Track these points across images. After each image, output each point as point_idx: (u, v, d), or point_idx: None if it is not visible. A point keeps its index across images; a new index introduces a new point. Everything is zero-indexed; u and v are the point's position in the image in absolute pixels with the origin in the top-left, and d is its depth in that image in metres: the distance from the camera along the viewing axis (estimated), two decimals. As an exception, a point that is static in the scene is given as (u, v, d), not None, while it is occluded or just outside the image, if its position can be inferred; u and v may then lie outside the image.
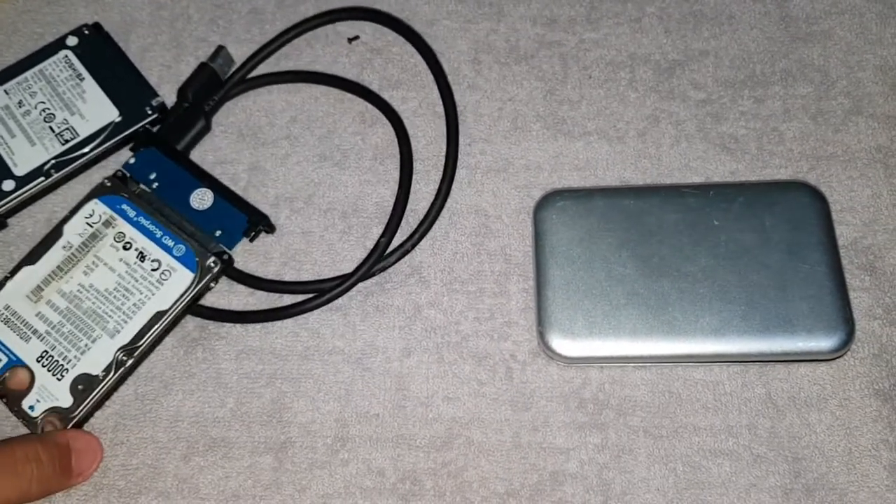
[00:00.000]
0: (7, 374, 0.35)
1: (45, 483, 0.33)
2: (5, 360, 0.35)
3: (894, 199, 0.38)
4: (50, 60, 0.41)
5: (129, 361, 0.35)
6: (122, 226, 0.38)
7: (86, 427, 0.35)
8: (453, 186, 0.39)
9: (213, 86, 0.41)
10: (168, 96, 0.41)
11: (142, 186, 0.39)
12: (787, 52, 0.41)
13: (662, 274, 0.35)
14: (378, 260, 0.37)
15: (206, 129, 0.41)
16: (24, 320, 0.36)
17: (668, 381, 0.35)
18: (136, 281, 0.37)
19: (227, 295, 0.38)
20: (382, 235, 0.37)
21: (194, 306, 0.37)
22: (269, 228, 0.38)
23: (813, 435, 0.34)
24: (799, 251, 0.34)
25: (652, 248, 0.35)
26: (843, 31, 0.41)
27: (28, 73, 0.41)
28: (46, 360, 0.35)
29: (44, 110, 0.40)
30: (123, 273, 0.37)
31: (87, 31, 0.42)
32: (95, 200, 0.39)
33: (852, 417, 0.34)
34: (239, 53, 0.42)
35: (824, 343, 0.33)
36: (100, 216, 0.38)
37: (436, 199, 0.38)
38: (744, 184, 0.37)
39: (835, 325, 0.33)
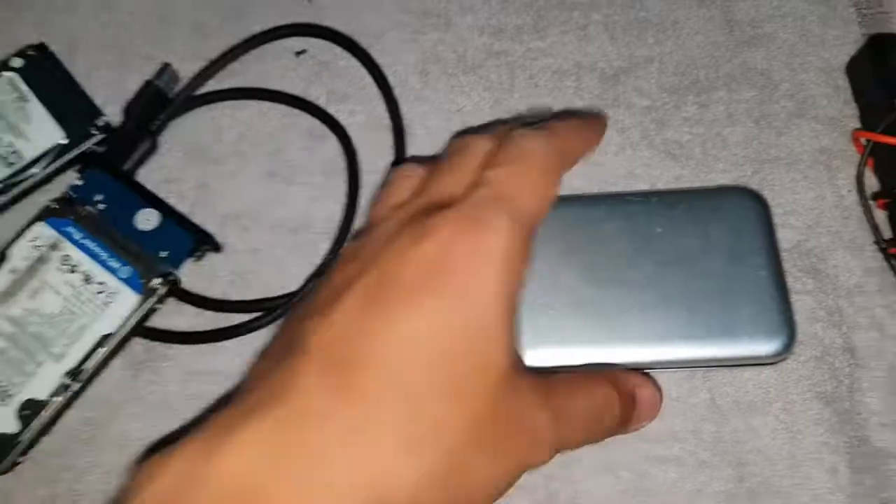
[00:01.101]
0: (-48, 402, 0.35)
1: (608, 434, 0.29)
2: (-50, 387, 0.35)
3: (837, 201, 0.38)
4: (-7, 83, 0.41)
5: (76, 385, 0.35)
6: (68, 248, 0.38)
7: (31, 453, 0.35)
8: (401, 199, 0.39)
9: (159, 104, 0.41)
10: (115, 115, 0.41)
11: (88, 208, 0.39)
12: (731, 57, 0.41)
13: (606, 282, 0.35)
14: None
15: (153, 148, 0.40)
16: (-32, 347, 0.36)
17: (614, 390, 0.35)
18: (82, 304, 0.37)
19: (173, 315, 0.37)
20: (329, 253, 0.37)
21: (141, 328, 0.37)
22: (216, 248, 0.38)
23: (757, 439, 0.34)
24: (741, 256, 0.35)
25: (596, 257, 0.35)
26: (786, 34, 0.42)
27: (-29, 97, 0.41)
28: (-8, 386, 0.35)
29: (-12, 134, 0.40)
30: (69, 296, 0.37)
31: (31, 52, 0.42)
32: (42, 223, 0.38)
33: (795, 421, 0.34)
34: (186, 69, 0.42)
35: (766, 348, 0.33)
36: (46, 239, 0.38)
37: (383, 212, 0.38)
38: (686, 190, 0.37)
39: (776, 330, 0.33)
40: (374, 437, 0.21)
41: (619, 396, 0.29)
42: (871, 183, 0.38)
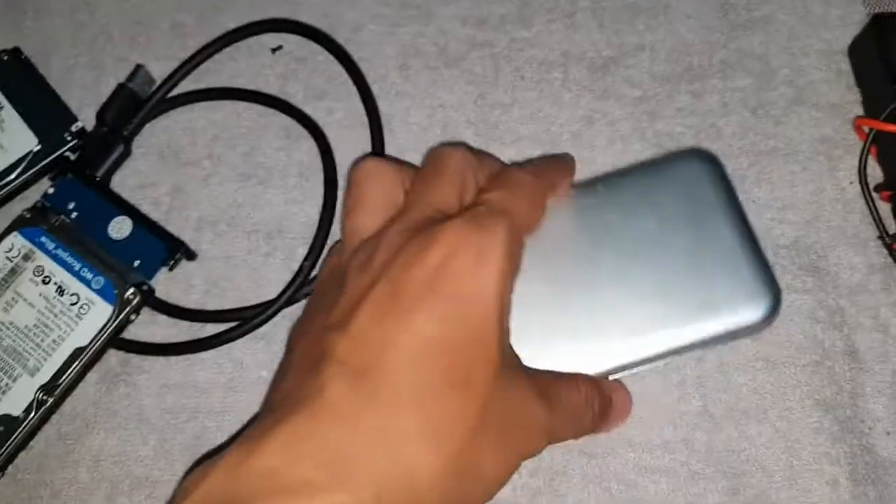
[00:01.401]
0: (-74, 420, 0.34)
1: (588, 431, 0.31)
2: (-77, 404, 0.35)
3: (838, 194, 0.36)
4: (-34, 90, 0.40)
5: (50, 401, 0.35)
6: (42, 259, 0.37)
7: (10, 469, 0.35)
8: (381, 201, 0.38)
9: (132, 107, 0.40)
10: (90, 120, 0.40)
11: (61, 217, 0.38)
12: (726, 42, 0.39)
13: (568, 286, 0.32)
14: (303, 284, 0.36)
15: (127, 153, 0.39)
16: (-59, 363, 0.35)
17: (601, 398, 0.34)
18: (56, 316, 0.36)
19: (149, 326, 0.37)
20: (306, 258, 0.36)
21: (116, 340, 0.36)
22: (190, 255, 0.37)
23: (752, 449, 0.32)
24: (703, 225, 0.32)
25: (554, 262, 0.32)
26: (785, 16, 0.39)
27: (-57, 105, 0.40)
28: (-35, 402, 0.35)
29: (-40, 143, 0.39)
30: (43, 308, 0.36)
31: (5, 57, 0.41)
32: (15, 234, 0.38)
33: (793, 429, 0.32)
34: (161, 70, 0.41)
35: (751, 315, 0.31)
36: (19, 250, 0.37)
37: (362, 215, 0.37)
38: (632, 168, 0.34)
39: (757, 293, 0.31)
40: (398, 437, 0.24)
41: (600, 396, 0.30)
42: (875, 174, 0.36)
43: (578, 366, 0.31)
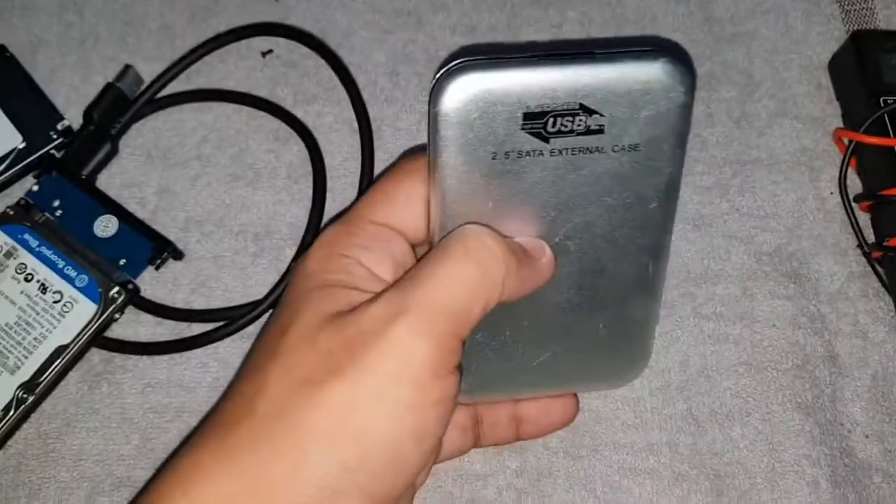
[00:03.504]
0: None
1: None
2: None
3: (819, 203, 0.37)
4: (-50, 86, 0.40)
5: (30, 399, 0.34)
6: (24, 256, 0.36)
7: (-13, 469, 0.34)
8: (370, 204, 0.38)
9: (120, 107, 0.40)
10: (76, 119, 0.40)
11: (45, 215, 0.37)
12: (711, 55, 0.40)
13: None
14: (290, 284, 0.36)
15: (113, 152, 0.39)
16: (-81, 360, 0.35)
17: (587, 399, 0.34)
18: (38, 314, 0.35)
19: (133, 325, 0.36)
20: (294, 259, 0.36)
21: (99, 338, 0.35)
22: (176, 255, 0.37)
23: (735, 451, 0.33)
24: None
25: None
26: (768, 31, 0.40)
27: (-72, 101, 0.39)
28: (-57, 400, 0.34)
29: (-57, 139, 0.39)
30: (25, 306, 0.36)
31: (-10, 54, 0.41)
32: (-3, 230, 0.37)
33: (775, 432, 0.33)
34: (150, 71, 0.41)
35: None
36: (1, 247, 0.37)
37: (351, 217, 0.37)
38: None
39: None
40: None
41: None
42: (855, 184, 0.37)
43: None
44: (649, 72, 0.23)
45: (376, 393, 0.23)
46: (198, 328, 0.36)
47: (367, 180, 0.38)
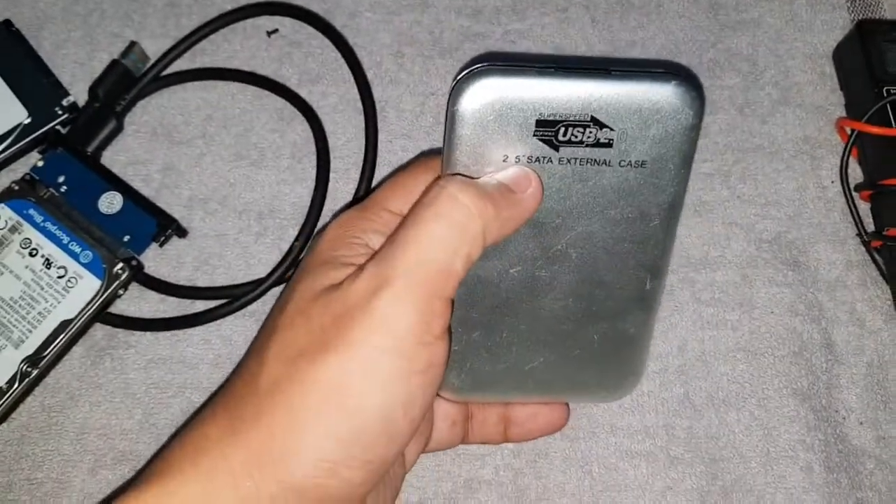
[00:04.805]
0: None
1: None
2: None
3: (820, 192, 0.37)
4: (-44, 61, 0.40)
5: (34, 372, 0.34)
6: (29, 231, 0.37)
7: (-9, 441, 0.34)
8: (373, 185, 0.38)
9: (125, 84, 0.40)
10: (81, 95, 0.40)
11: (50, 190, 0.37)
12: (716, 42, 0.40)
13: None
14: (293, 264, 0.36)
15: (118, 129, 0.39)
16: (-76, 332, 0.35)
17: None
18: (42, 289, 0.36)
19: (137, 301, 0.36)
20: (296, 239, 0.36)
21: (103, 314, 0.36)
22: (180, 232, 0.37)
23: (731, 435, 0.33)
24: None
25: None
26: (773, 19, 0.40)
27: (-67, 75, 0.40)
28: (-52, 372, 0.34)
29: (-52, 113, 0.39)
30: (29, 281, 0.36)
31: (-4, 29, 0.41)
32: (2, 205, 0.37)
33: (770, 417, 0.33)
34: (155, 48, 0.41)
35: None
36: (6, 221, 0.37)
37: (354, 198, 0.37)
38: None
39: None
40: None
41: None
42: (856, 174, 0.37)
43: None
44: (661, 92, 0.24)
45: (365, 366, 0.23)
46: (201, 305, 0.36)
47: (371, 161, 0.38)
